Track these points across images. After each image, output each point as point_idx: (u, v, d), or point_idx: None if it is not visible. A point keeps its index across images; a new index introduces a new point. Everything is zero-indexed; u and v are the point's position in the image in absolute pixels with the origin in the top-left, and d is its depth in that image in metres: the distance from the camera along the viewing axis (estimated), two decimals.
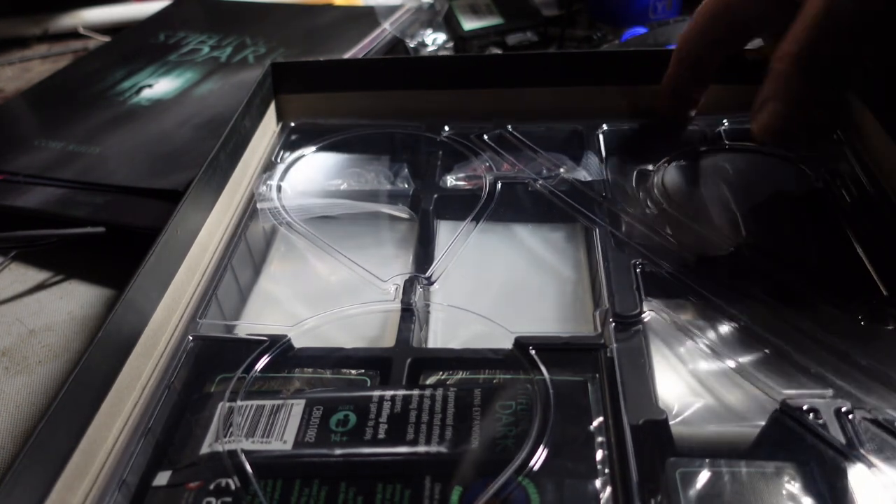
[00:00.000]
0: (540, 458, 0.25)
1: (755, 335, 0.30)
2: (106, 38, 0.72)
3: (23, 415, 0.34)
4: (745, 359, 0.29)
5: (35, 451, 0.23)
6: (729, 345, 0.30)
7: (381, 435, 0.26)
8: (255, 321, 0.35)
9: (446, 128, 0.44)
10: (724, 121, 0.42)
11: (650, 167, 0.40)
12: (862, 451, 0.24)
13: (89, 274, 0.42)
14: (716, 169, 0.40)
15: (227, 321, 0.34)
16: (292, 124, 0.46)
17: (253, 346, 0.30)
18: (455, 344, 0.31)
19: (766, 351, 0.29)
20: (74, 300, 0.41)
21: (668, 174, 0.39)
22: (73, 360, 0.37)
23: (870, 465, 0.24)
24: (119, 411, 0.28)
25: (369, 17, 0.61)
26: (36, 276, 0.43)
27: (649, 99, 0.43)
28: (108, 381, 0.27)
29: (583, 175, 0.39)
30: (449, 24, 0.63)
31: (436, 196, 0.39)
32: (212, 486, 0.24)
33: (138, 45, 0.64)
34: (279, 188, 0.40)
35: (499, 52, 0.60)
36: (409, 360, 0.29)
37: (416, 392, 0.27)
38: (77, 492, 0.25)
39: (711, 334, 0.30)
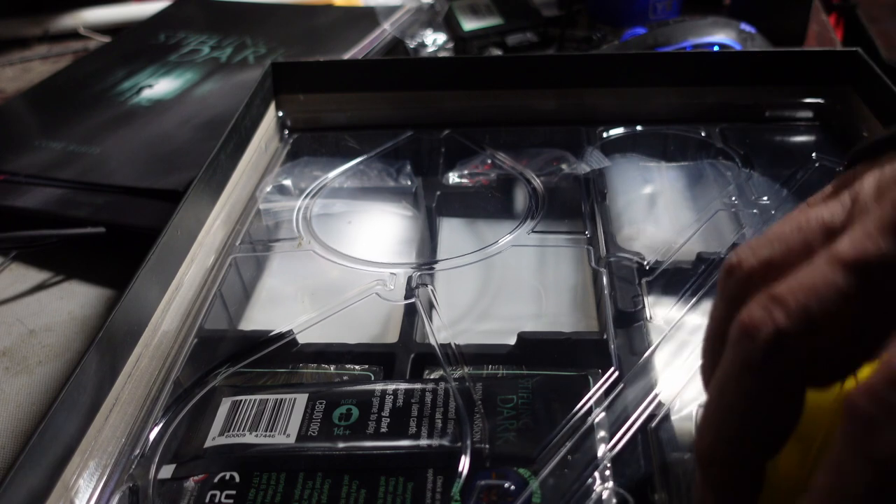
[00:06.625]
0: (541, 451, 0.25)
1: None
2: (106, 39, 0.72)
3: (23, 415, 0.34)
4: None
5: (36, 451, 0.23)
6: None
7: (384, 429, 0.26)
8: (259, 318, 0.35)
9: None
10: None
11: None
12: None
13: (89, 274, 0.42)
14: None
15: (231, 318, 0.34)
16: (292, 124, 0.46)
17: (257, 342, 0.30)
18: (458, 340, 0.31)
19: None
20: (74, 300, 0.41)
21: None
22: (73, 360, 0.37)
23: None
24: (120, 410, 0.28)
25: (369, 18, 0.61)
26: (36, 276, 0.43)
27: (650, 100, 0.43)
28: (108, 381, 0.27)
29: (584, 168, 0.39)
30: (449, 24, 0.63)
31: (438, 193, 0.39)
32: (216, 479, 0.25)
33: (138, 45, 0.64)
34: (281, 187, 0.40)
35: (499, 52, 0.60)
36: (412, 356, 0.29)
37: (417, 386, 0.27)
38: (79, 489, 0.25)
39: None
